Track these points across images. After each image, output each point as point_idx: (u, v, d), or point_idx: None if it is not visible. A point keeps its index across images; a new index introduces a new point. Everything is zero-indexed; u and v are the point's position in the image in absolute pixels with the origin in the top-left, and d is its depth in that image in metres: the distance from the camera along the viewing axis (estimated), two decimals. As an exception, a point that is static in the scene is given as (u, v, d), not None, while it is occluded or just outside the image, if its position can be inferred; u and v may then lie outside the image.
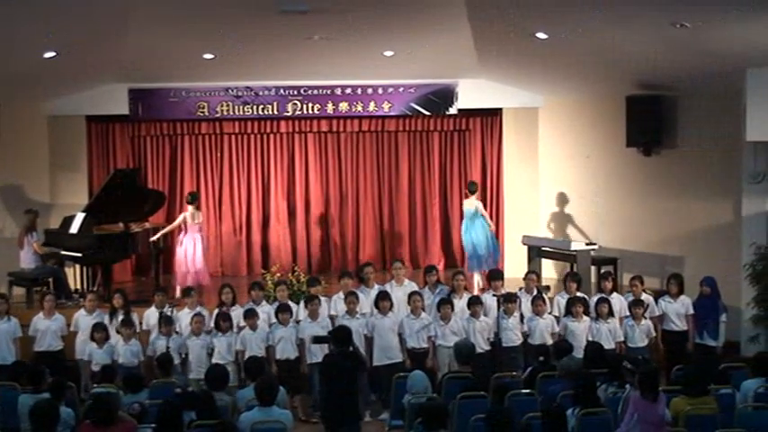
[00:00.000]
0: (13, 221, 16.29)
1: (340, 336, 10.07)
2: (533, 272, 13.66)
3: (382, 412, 11.90)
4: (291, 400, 11.57)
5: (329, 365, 9.97)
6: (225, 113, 17.28)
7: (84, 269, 15.61)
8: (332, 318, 12.38)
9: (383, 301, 12.22)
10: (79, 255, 14.93)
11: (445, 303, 12.27)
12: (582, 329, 12.17)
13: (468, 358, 10.78)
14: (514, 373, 11.28)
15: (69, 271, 15.63)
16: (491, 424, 8.30)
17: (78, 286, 15.55)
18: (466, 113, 17.77)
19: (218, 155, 18.15)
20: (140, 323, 12.56)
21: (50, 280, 15.08)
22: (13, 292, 14.64)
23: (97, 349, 11.82)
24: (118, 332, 12.04)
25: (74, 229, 14.99)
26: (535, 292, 12.84)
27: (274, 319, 12.25)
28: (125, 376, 10.52)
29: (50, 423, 8.28)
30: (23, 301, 14.62)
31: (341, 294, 12.66)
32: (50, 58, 13.54)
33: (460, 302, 12.54)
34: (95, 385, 10.43)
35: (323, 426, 10.01)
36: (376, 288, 12.92)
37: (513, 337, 12.31)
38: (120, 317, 12.28)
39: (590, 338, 12.03)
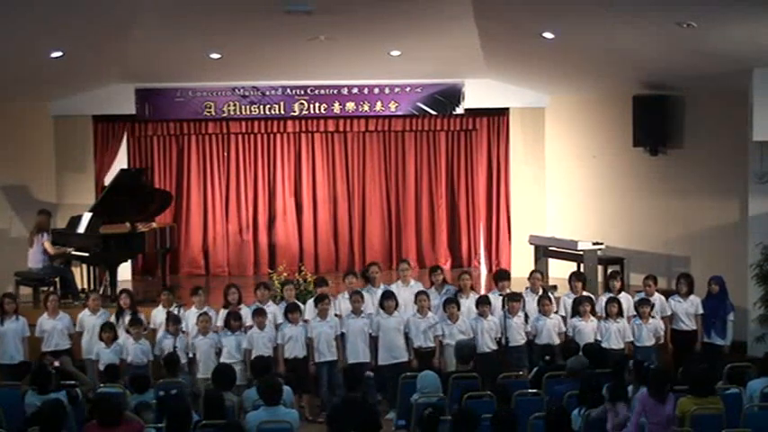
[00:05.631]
0: (20, 221, 16.31)
1: (350, 380, 10.03)
2: (538, 271, 13.62)
3: (388, 412, 11.90)
4: (299, 399, 11.59)
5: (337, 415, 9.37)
6: (231, 113, 17.30)
7: (91, 269, 15.63)
8: (338, 317, 12.38)
9: (388, 300, 12.20)
10: (86, 254, 14.97)
11: (451, 303, 12.27)
12: (590, 329, 12.16)
13: (468, 358, 10.82)
14: (520, 373, 11.30)
15: (75, 270, 15.64)
16: (494, 424, 8.34)
17: (85, 286, 15.57)
18: (472, 113, 17.76)
19: (225, 155, 18.17)
20: (148, 322, 12.56)
21: (57, 279, 15.08)
22: (20, 292, 14.64)
23: (105, 349, 11.78)
24: (127, 331, 12.04)
25: (81, 228, 15.02)
26: (541, 292, 12.85)
27: (281, 319, 12.25)
28: (131, 376, 10.55)
29: (57, 424, 8.30)
30: (30, 300, 14.62)
31: (346, 294, 12.66)
32: (57, 57, 13.57)
33: (467, 302, 12.54)
34: (102, 385, 10.44)
35: None
36: (382, 287, 12.92)
37: (516, 337, 12.29)
38: (128, 317, 12.28)
39: (599, 338, 12.05)
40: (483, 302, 12.36)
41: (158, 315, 12.49)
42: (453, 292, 12.80)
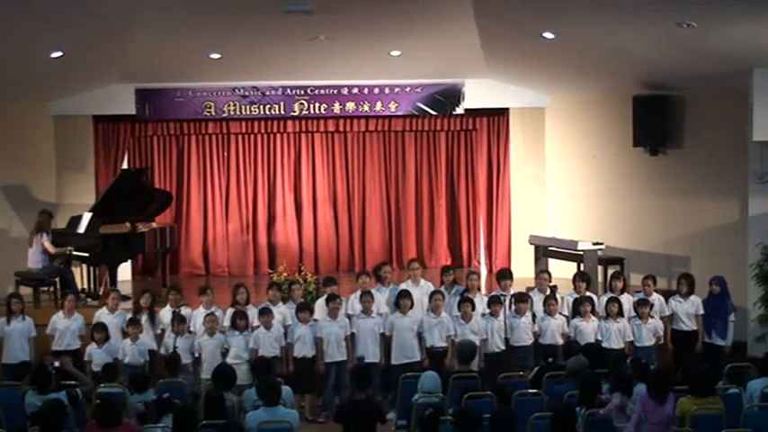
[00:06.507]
0: (20, 221, 16.31)
1: (360, 379, 10.02)
2: (546, 271, 13.62)
3: (389, 411, 11.89)
4: (300, 399, 11.58)
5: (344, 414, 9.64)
6: (232, 113, 17.29)
7: (91, 269, 15.62)
8: (349, 317, 12.36)
9: (404, 299, 12.19)
10: (86, 254, 14.96)
11: (466, 303, 12.26)
12: (591, 329, 12.16)
13: (469, 358, 10.82)
14: (522, 373, 11.30)
15: (75, 270, 15.62)
16: (492, 424, 8.35)
17: (85, 286, 15.57)
18: (472, 113, 17.76)
19: (225, 155, 18.15)
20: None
21: (57, 279, 15.07)
22: (20, 292, 14.60)
23: (96, 349, 11.78)
24: (124, 331, 12.04)
25: (81, 228, 15.02)
26: (548, 292, 12.85)
27: (290, 320, 12.24)
28: (131, 376, 10.53)
29: (57, 424, 8.30)
30: (30, 300, 14.58)
31: (358, 293, 12.64)
32: (57, 57, 13.57)
33: (475, 302, 12.52)
34: (102, 385, 10.43)
35: None
36: (391, 287, 12.90)
37: (524, 337, 12.30)
38: (144, 316, 12.30)
39: (599, 338, 12.06)
40: (495, 302, 12.35)
41: (166, 315, 12.50)
42: (461, 291, 12.79)
